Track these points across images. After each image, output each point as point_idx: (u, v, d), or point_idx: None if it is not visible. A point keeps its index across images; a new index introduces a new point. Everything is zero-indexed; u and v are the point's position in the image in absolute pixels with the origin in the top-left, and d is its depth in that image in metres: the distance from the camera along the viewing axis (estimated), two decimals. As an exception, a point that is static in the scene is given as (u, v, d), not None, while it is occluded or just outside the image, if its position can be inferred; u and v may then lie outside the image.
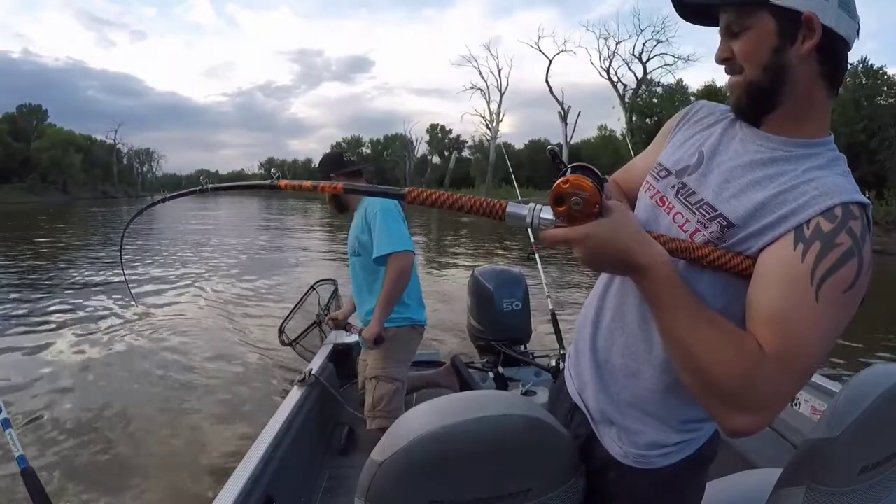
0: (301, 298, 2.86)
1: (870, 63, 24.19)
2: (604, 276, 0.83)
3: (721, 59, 0.70)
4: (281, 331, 2.64)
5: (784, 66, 0.65)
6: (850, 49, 0.66)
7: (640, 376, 0.76)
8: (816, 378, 2.09)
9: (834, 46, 0.64)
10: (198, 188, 0.93)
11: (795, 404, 2.10)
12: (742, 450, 2.18)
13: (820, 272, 0.59)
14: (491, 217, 0.67)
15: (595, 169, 0.65)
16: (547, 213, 0.64)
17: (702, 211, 0.69)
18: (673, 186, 0.74)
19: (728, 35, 0.68)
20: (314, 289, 2.86)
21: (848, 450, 0.79)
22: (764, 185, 0.66)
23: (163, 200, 1.09)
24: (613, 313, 0.79)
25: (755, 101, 0.68)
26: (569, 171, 0.63)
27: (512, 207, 0.67)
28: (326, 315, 2.61)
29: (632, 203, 0.82)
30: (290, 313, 2.79)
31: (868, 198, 0.64)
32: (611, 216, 0.63)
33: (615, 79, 36.26)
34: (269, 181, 0.82)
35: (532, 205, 0.66)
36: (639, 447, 0.76)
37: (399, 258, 1.95)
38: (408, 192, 0.73)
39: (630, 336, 0.76)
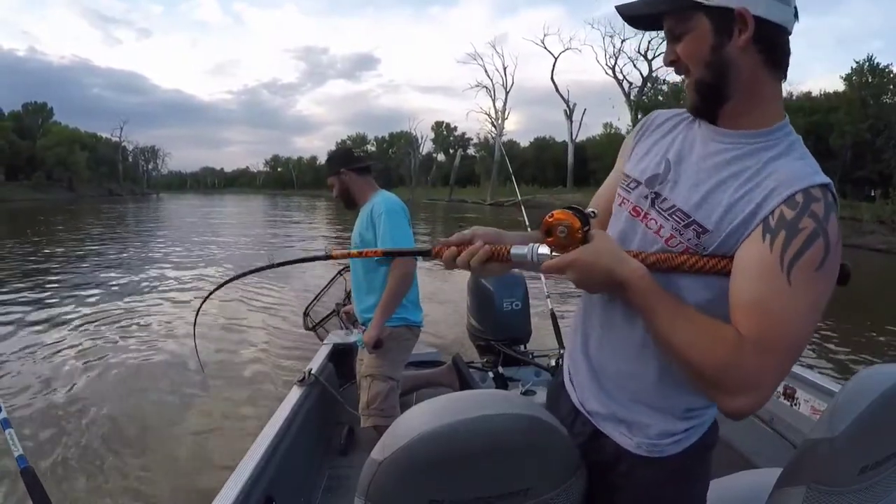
0: (326, 284, 2.89)
1: (876, 62, 24.11)
2: (587, 301, 0.87)
3: (668, 62, 0.75)
4: (306, 314, 2.67)
5: (725, 60, 0.69)
6: (790, 33, 0.70)
7: (636, 376, 0.78)
8: (816, 378, 2.09)
9: (771, 34, 0.68)
10: (266, 265, 1.09)
11: (795, 404, 2.09)
12: (742, 450, 2.17)
13: (788, 257, 0.63)
14: (499, 262, 0.78)
15: (580, 208, 0.74)
16: (543, 249, 0.74)
17: (675, 217, 0.74)
18: (646, 197, 0.78)
19: (671, 39, 0.73)
20: (341, 275, 2.89)
21: (848, 449, 0.79)
22: (729, 185, 0.70)
23: (243, 274, 1.18)
24: (601, 321, 0.83)
25: (706, 98, 0.72)
26: (546, 217, 0.74)
27: (515, 250, 0.77)
28: (347, 304, 2.63)
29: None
30: (315, 298, 2.82)
31: (873, 196, 0.63)
32: (593, 241, 0.71)
33: (621, 76, 36.33)
34: (324, 254, 1.03)
35: (530, 244, 0.75)
36: (650, 437, 0.78)
37: (403, 262, 1.95)
38: (433, 248, 0.83)
39: (620, 340, 0.80)
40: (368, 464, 0.68)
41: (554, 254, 0.73)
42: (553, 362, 2.51)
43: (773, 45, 0.69)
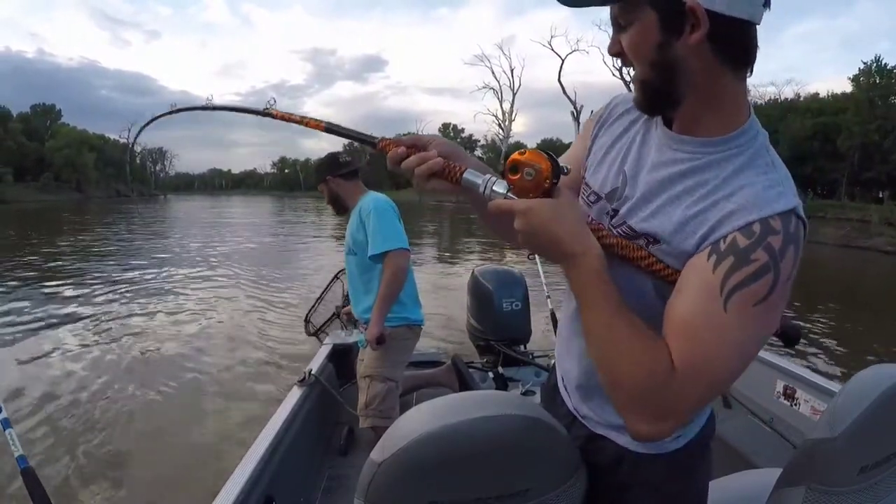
0: (325, 289, 2.90)
1: (884, 62, 23.95)
2: (569, 305, 0.83)
3: (613, 53, 0.65)
4: (307, 321, 2.68)
5: (671, 61, 0.60)
6: (758, 23, 0.60)
7: None
8: (816, 378, 2.08)
9: (730, 31, 0.58)
10: (200, 105, 1.03)
11: (795, 404, 2.08)
12: (742, 450, 2.16)
13: (730, 285, 0.58)
14: (448, 181, 0.68)
15: (555, 157, 0.66)
16: (499, 187, 0.66)
17: (623, 233, 0.69)
18: (607, 213, 0.72)
19: (617, 27, 0.64)
20: (338, 278, 2.89)
21: (848, 450, 0.78)
22: (682, 200, 0.64)
23: (170, 113, 1.11)
24: (579, 334, 0.77)
25: (651, 100, 0.65)
26: (518, 151, 0.66)
27: (469, 174, 0.68)
28: (347, 305, 2.64)
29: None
30: (314, 304, 2.83)
31: (881, 198, 0.60)
32: (558, 199, 0.64)
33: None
34: (264, 108, 0.89)
35: (488, 175, 0.67)
36: None
37: (395, 256, 1.96)
38: (380, 140, 0.75)
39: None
40: (368, 465, 0.68)
41: (510, 195, 0.65)
42: (553, 362, 2.50)
43: (732, 41, 0.59)
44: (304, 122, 0.85)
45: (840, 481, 0.81)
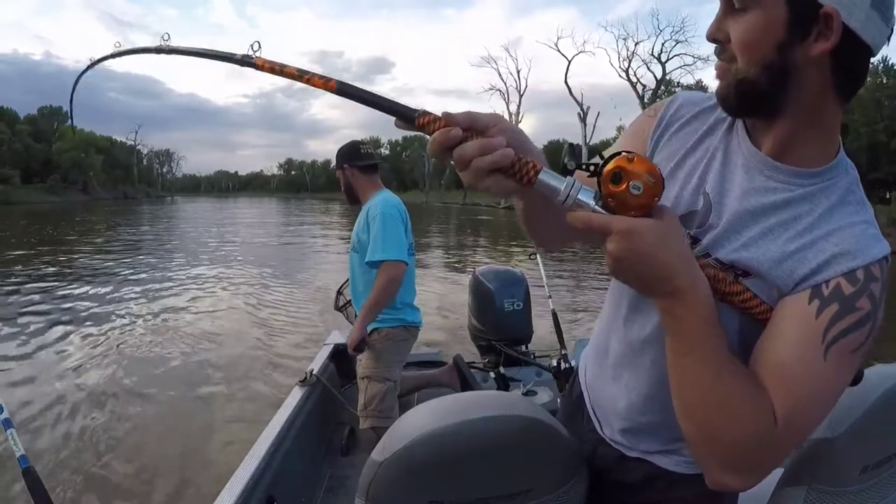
0: None
1: (890, 62, 23.78)
2: (609, 311, 0.75)
3: (712, 38, 0.57)
4: (339, 293, 2.66)
5: (788, 66, 0.53)
6: (874, 55, 0.54)
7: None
8: None
9: (854, 53, 0.52)
10: (153, 47, 0.75)
11: None
12: None
13: (833, 333, 0.54)
14: (515, 180, 0.53)
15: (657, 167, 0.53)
16: (586, 196, 0.53)
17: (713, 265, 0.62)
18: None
19: (727, 8, 0.56)
20: None
21: (848, 450, 0.78)
22: (778, 234, 0.58)
23: (112, 56, 0.84)
24: (636, 340, 0.71)
25: (749, 103, 0.57)
26: (622, 154, 0.52)
27: (545, 176, 0.53)
28: None
29: None
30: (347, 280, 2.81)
31: (888, 199, 0.59)
32: (663, 220, 0.52)
33: (634, 79, 36.25)
34: (243, 54, 0.64)
35: (571, 179, 0.53)
36: (688, 456, 0.72)
37: (390, 267, 1.96)
38: (419, 114, 0.55)
39: (663, 365, 0.68)
40: (368, 464, 0.69)
41: (598, 207, 0.53)
42: (554, 362, 2.51)
43: (852, 66, 0.54)
44: (305, 78, 0.62)
45: (841, 481, 0.80)
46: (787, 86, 0.54)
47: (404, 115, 0.56)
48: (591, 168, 0.53)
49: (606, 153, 0.54)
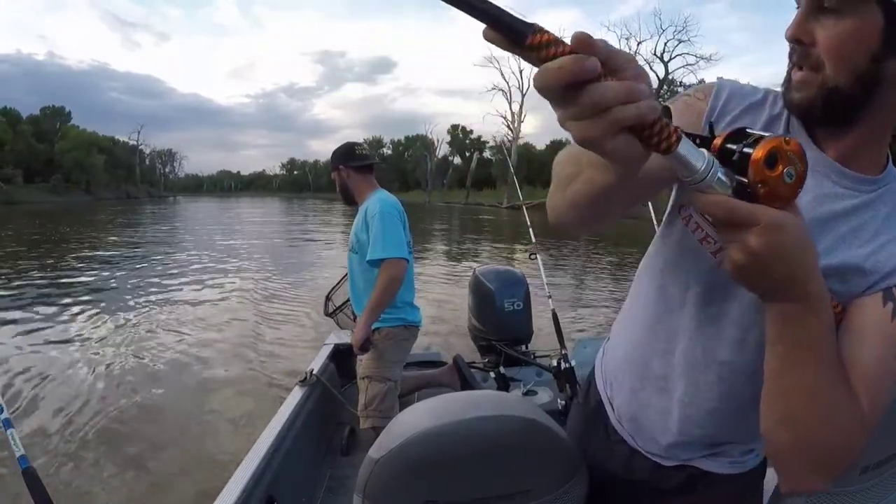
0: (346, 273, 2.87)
1: None
2: (647, 319, 0.74)
3: (794, 39, 0.53)
4: (328, 298, 2.67)
5: (879, 78, 0.51)
6: None
7: (731, 410, 0.69)
8: None
9: None
10: None
11: None
12: None
13: None
14: (648, 145, 0.39)
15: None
16: (725, 176, 0.43)
17: None
18: None
19: (813, 7, 0.51)
20: None
21: None
22: (850, 242, 0.59)
23: None
24: (702, 355, 0.68)
25: (832, 114, 0.54)
26: (772, 135, 0.43)
27: (687, 145, 0.40)
28: None
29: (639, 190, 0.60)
30: (337, 284, 2.83)
31: None
32: (800, 216, 0.45)
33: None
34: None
35: (710, 157, 0.42)
36: (733, 456, 0.75)
37: (391, 265, 1.96)
38: (534, 30, 0.36)
39: (733, 382, 0.67)
40: (366, 462, 0.69)
41: (730, 191, 0.43)
42: (554, 362, 2.50)
43: None
44: None
45: (842, 481, 0.79)
46: (875, 97, 0.52)
47: (512, 27, 0.36)
48: (738, 144, 0.43)
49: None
